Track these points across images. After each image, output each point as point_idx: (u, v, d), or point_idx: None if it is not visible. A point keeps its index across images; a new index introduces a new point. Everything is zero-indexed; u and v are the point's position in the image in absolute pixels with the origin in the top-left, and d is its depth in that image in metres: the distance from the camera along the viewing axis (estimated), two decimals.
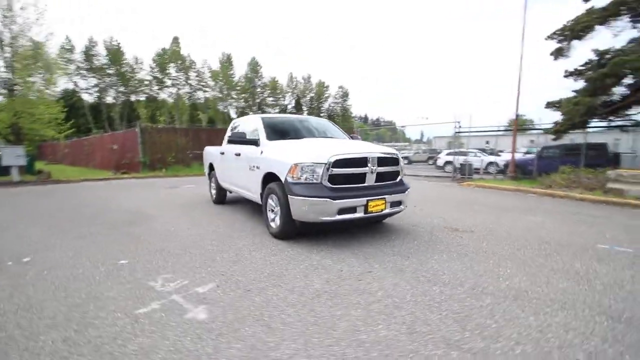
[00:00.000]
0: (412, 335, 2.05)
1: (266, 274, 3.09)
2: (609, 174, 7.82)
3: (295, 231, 4.18)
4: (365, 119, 79.70)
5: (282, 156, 4.18)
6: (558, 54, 10.89)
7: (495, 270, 3.18)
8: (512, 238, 4.31)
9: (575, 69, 10.08)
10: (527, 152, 14.86)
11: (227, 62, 59.22)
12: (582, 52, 10.74)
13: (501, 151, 20.50)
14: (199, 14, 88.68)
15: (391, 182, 4.37)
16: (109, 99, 49.23)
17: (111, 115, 48.04)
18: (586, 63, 9.78)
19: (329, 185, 3.85)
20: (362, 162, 4.04)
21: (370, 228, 4.81)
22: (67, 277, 3.09)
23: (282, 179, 4.04)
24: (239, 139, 5.01)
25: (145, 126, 18.10)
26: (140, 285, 2.86)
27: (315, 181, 3.84)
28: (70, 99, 41.11)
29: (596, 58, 9.46)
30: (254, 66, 61.39)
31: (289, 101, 69.19)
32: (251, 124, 5.58)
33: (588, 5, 10.20)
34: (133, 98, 50.40)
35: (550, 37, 11.06)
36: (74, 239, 4.38)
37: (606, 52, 9.18)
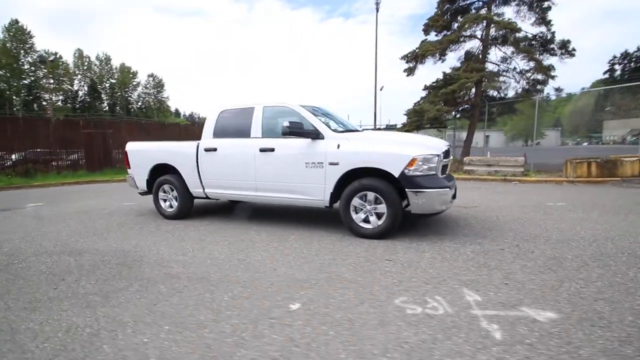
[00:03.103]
0: None
1: (499, 277, 2.82)
2: (465, 160, 11.35)
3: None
4: (191, 116, 72.67)
5: (390, 149, 3.88)
6: (409, 72, 14.34)
7: (565, 229, 4.31)
8: (506, 208, 5.76)
9: (431, 85, 13.72)
10: None
11: None
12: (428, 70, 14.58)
13: None
14: None
15: None
16: None
17: None
18: (436, 81, 13.54)
19: (440, 175, 3.98)
20: (448, 153, 4.37)
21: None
22: None
23: (396, 173, 3.77)
24: (299, 130, 4.09)
25: None
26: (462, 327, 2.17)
27: (431, 172, 3.85)
28: None
29: (442, 78, 13.30)
30: (17, 33, 43.49)
31: (79, 86, 53.74)
32: (280, 113, 4.62)
33: (426, 37, 14.01)
34: None
35: (403, 58, 14.38)
36: (108, 307, 2.45)
37: (448, 74, 13.08)
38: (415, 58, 13.88)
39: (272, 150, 4.45)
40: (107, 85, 57.04)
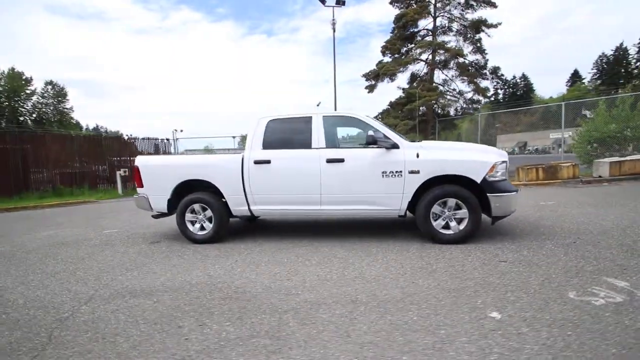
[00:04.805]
0: None
1: (621, 266, 3.15)
2: None
3: None
4: (96, 129, 63.57)
5: (472, 156, 4.08)
6: (370, 89, 15.23)
7: (599, 222, 5.03)
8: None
9: (394, 101, 14.70)
10: None
11: None
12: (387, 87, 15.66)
13: None
14: None
15: None
16: None
17: None
18: (399, 98, 14.58)
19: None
20: None
21: None
22: None
23: (478, 179, 3.96)
24: (381, 140, 4.02)
25: None
26: None
27: (503, 177, 4.15)
28: None
29: (403, 95, 14.42)
30: None
31: None
32: (342, 123, 4.48)
33: (382, 58, 15.12)
34: None
35: (364, 76, 15.23)
36: None
37: (411, 92, 14.26)
38: (376, 76, 14.83)
39: (342, 161, 4.26)
40: None
